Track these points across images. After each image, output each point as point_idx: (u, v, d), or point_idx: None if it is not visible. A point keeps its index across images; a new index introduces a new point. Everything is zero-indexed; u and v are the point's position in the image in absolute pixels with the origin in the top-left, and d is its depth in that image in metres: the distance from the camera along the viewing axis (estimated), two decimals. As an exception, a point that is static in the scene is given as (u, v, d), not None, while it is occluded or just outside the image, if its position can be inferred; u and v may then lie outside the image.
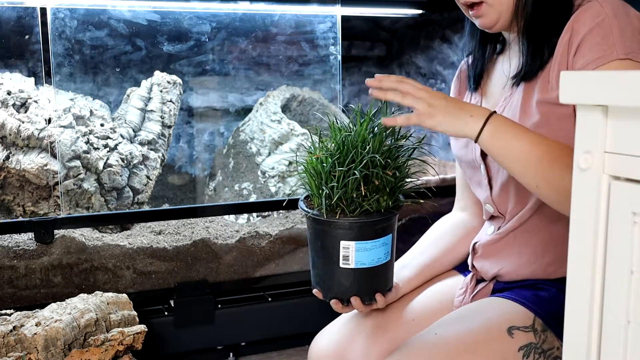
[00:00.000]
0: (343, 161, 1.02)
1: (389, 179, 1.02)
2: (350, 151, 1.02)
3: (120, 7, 1.90)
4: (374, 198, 1.01)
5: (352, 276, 1.06)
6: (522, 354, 1.00)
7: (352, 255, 1.04)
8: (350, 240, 1.03)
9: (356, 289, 1.07)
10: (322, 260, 1.07)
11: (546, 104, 1.01)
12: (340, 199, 1.01)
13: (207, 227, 1.89)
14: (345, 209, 1.02)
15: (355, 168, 1.00)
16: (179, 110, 2.01)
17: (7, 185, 1.74)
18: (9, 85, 1.76)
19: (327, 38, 2.05)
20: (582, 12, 1.00)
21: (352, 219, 1.02)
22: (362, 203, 1.01)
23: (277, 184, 2.04)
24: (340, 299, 1.09)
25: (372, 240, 1.04)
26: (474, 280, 1.20)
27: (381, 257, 1.06)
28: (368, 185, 1.01)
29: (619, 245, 0.61)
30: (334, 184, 1.01)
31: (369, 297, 1.09)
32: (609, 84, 0.59)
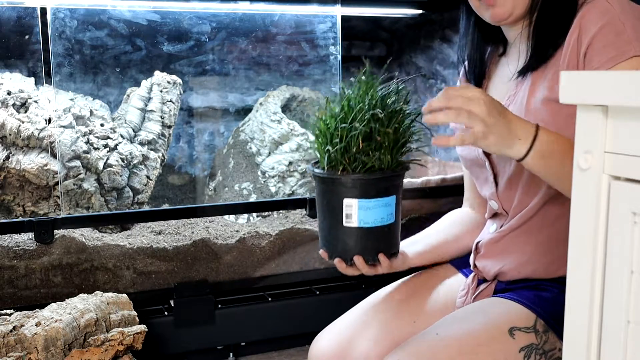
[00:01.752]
0: (346, 120, 1.03)
1: (390, 136, 1.02)
2: (353, 110, 1.03)
3: (120, 7, 1.90)
4: (375, 156, 1.02)
5: (355, 235, 1.06)
6: (523, 355, 1.00)
7: (354, 214, 1.04)
8: (353, 198, 1.03)
9: (359, 248, 1.07)
10: (327, 220, 1.08)
11: (554, 103, 1.01)
12: (343, 157, 1.02)
13: (207, 227, 1.89)
14: (348, 167, 1.03)
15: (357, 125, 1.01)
16: (179, 110, 2.01)
17: (7, 185, 1.74)
18: (9, 85, 1.76)
19: (327, 38, 2.05)
20: (589, 8, 0.99)
21: (354, 176, 1.02)
22: (363, 159, 1.01)
23: (277, 184, 2.04)
24: (344, 258, 1.09)
25: (374, 198, 1.04)
26: (475, 281, 1.20)
27: (384, 218, 1.06)
28: (369, 142, 1.01)
29: (619, 245, 0.61)
30: (336, 141, 1.02)
31: (372, 257, 1.09)
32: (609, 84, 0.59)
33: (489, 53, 1.21)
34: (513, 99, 1.09)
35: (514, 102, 1.08)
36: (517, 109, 1.06)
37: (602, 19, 0.96)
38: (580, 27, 0.99)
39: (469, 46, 1.20)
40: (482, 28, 1.18)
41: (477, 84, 1.20)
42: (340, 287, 1.89)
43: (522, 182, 1.09)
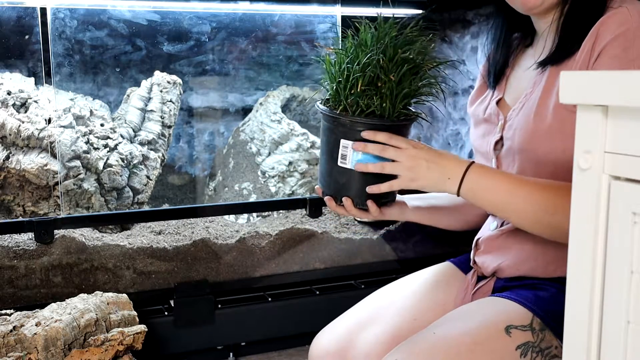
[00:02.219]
0: (354, 61, 1.02)
1: (392, 83, 1.01)
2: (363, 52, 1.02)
3: (120, 7, 1.90)
4: (375, 102, 1.02)
5: (347, 176, 1.07)
6: (519, 353, 1.00)
7: (349, 155, 1.05)
8: (350, 140, 1.04)
9: (349, 190, 1.08)
10: (325, 157, 1.09)
11: (564, 110, 1.01)
12: (347, 97, 1.02)
13: (207, 227, 1.89)
14: (348, 108, 1.03)
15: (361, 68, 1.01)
16: (179, 110, 2.01)
17: (7, 185, 1.74)
18: (9, 85, 1.76)
19: (327, 38, 2.05)
20: (610, 16, 0.98)
21: (351, 118, 1.03)
22: (366, 102, 1.01)
23: (277, 184, 2.04)
24: (334, 197, 1.10)
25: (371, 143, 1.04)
26: (475, 277, 1.20)
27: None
28: (370, 87, 1.01)
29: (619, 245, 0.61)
30: (340, 80, 1.03)
31: (361, 201, 1.09)
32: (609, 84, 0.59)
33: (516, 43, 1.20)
34: (529, 96, 1.09)
35: (528, 100, 1.08)
36: (529, 108, 1.07)
37: (618, 29, 0.96)
38: (597, 34, 0.99)
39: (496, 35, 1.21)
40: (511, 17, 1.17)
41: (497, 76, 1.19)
42: (340, 287, 1.89)
43: None
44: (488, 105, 1.19)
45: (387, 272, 1.96)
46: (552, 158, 1.03)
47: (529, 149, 1.06)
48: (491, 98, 1.20)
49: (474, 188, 1.01)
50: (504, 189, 0.99)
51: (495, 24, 1.21)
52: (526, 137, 1.06)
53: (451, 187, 1.01)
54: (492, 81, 1.20)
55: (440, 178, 1.01)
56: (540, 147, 1.04)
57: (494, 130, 1.16)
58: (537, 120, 1.04)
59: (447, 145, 2.44)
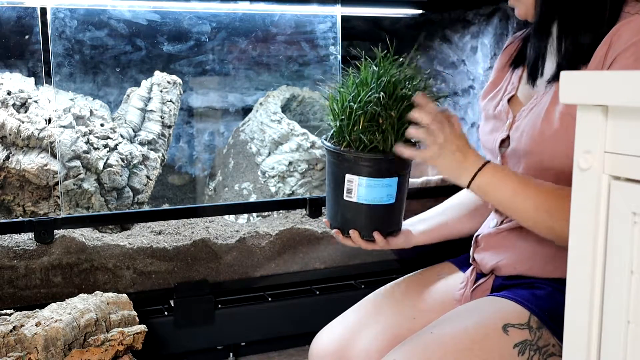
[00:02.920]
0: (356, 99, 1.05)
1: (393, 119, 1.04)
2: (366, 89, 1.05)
3: (120, 7, 1.90)
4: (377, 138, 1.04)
5: (353, 210, 1.09)
6: (517, 351, 1.00)
7: (355, 189, 1.07)
8: (354, 175, 1.07)
9: (356, 223, 1.11)
10: (331, 191, 1.12)
11: (569, 117, 1.01)
12: (350, 134, 1.05)
13: (207, 227, 1.89)
14: (352, 144, 1.05)
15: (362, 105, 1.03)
16: (179, 110, 2.01)
17: (7, 185, 1.74)
18: (9, 85, 1.76)
19: (327, 38, 2.05)
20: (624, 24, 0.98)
21: (355, 154, 1.05)
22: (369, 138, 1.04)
23: (277, 184, 2.04)
24: (342, 229, 1.13)
25: (375, 178, 1.07)
26: (474, 274, 1.21)
27: (384, 198, 1.08)
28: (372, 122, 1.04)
29: (619, 245, 0.61)
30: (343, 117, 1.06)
31: (368, 233, 1.12)
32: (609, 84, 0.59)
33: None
34: (540, 100, 1.09)
35: (537, 105, 1.08)
36: (537, 112, 1.07)
37: (632, 38, 0.96)
38: (610, 43, 0.98)
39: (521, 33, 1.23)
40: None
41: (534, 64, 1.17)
42: (340, 287, 1.89)
43: None
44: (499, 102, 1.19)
45: (387, 272, 1.96)
46: (557, 163, 1.03)
47: (535, 153, 1.06)
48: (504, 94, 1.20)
49: (483, 185, 1.03)
50: (510, 188, 1.01)
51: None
52: (533, 141, 1.06)
53: (464, 179, 1.04)
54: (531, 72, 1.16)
55: (458, 168, 1.03)
56: (545, 151, 1.05)
57: (501, 127, 1.16)
58: (545, 125, 1.04)
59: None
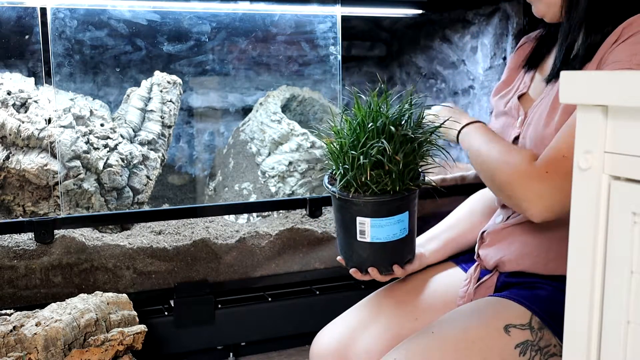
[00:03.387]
0: (356, 145, 1.06)
1: (399, 163, 1.04)
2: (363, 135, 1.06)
3: (120, 7, 1.90)
4: (384, 181, 1.04)
5: (368, 249, 1.10)
6: (518, 352, 1.00)
7: (367, 231, 1.08)
8: (365, 217, 1.07)
9: (373, 261, 1.12)
10: (342, 233, 1.12)
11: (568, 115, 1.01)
12: (355, 179, 1.06)
13: (207, 227, 1.89)
14: (359, 189, 1.06)
15: (365, 153, 1.04)
16: (179, 110, 2.01)
17: (7, 185, 1.74)
18: (9, 85, 1.76)
19: (327, 38, 2.05)
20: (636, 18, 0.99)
21: (364, 199, 1.06)
22: (371, 186, 1.04)
23: (277, 184, 2.04)
24: (359, 268, 1.14)
25: (386, 217, 1.07)
26: (478, 271, 1.21)
27: (397, 233, 1.09)
28: (378, 169, 1.04)
29: (619, 245, 0.61)
30: (346, 166, 1.06)
31: (386, 268, 1.14)
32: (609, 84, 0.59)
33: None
34: (547, 94, 1.09)
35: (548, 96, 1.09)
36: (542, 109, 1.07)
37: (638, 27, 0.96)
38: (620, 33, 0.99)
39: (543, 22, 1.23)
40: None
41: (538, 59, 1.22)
42: (340, 287, 1.89)
43: None
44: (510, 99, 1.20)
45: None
46: None
47: (540, 146, 1.06)
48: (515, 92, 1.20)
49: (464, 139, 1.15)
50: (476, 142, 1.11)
51: None
52: (537, 133, 1.07)
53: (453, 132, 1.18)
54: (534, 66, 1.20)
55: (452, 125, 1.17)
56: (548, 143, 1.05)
57: (513, 123, 1.16)
58: (548, 118, 1.04)
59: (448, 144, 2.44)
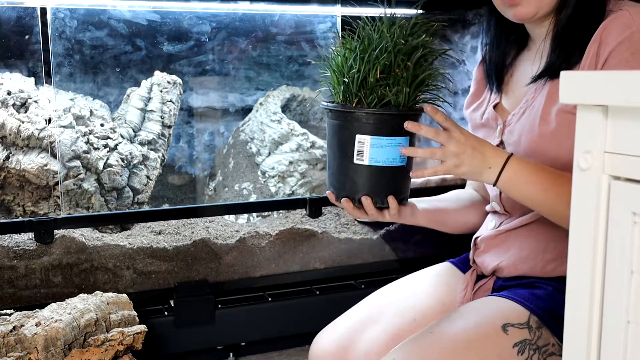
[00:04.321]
0: (365, 52, 1.01)
1: (410, 69, 1.00)
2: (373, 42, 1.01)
3: (120, 7, 1.90)
4: (393, 90, 0.99)
5: (364, 173, 1.03)
6: (516, 351, 1.00)
7: (366, 151, 1.02)
8: (366, 135, 1.01)
9: (368, 188, 1.05)
10: (337, 157, 1.06)
11: (567, 114, 1.01)
12: (360, 89, 1.00)
13: (207, 227, 1.89)
14: (364, 100, 1.01)
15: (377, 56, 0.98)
16: (179, 110, 2.01)
17: (7, 185, 1.74)
18: (9, 85, 1.76)
19: (327, 38, 2.05)
20: (611, 21, 0.98)
21: (369, 110, 1.00)
22: (381, 92, 0.99)
23: (277, 184, 2.04)
24: (352, 198, 1.06)
25: (387, 136, 1.02)
26: (474, 276, 1.20)
27: (396, 159, 1.04)
28: (387, 74, 0.99)
29: (619, 245, 0.61)
30: (354, 71, 1.00)
31: (381, 199, 1.06)
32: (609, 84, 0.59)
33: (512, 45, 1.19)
34: (531, 103, 1.08)
35: (531, 107, 1.08)
36: (533, 114, 1.06)
37: (622, 34, 0.96)
38: (600, 40, 0.98)
39: (491, 41, 1.20)
40: (505, 23, 1.16)
41: (498, 79, 1.19)
42: (340, 287, 1.89)
43: None
44: (485, 111, 1.19)
45: (387, 272, 1.96)
46: (562, 162, 1.02)
47: (539, 154, 1.05)
48: (488, 103, 1.19)
49: (512, 180, 1.00)
50: (539, 185, 0.98)
51: (488, 25, 1.20)
52: (533, 143, 1.06)
53: (490, 176, 1.00)
54: (494, 84, 1.19)
55: (482, 166, 1.00)
56: (549, 151, 1.04)
57: (492, 134, 1.16)
58: (543, 125, 1.04)
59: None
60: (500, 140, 1.13)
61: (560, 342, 1.02)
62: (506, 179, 1.00)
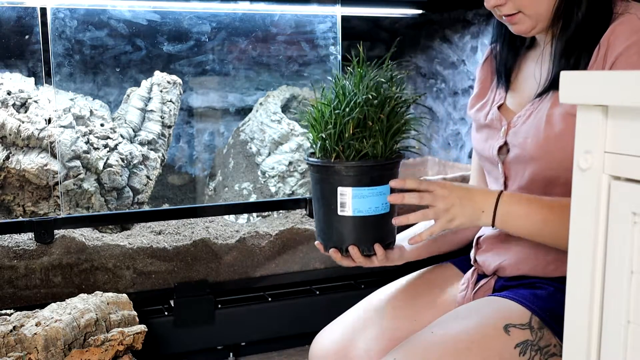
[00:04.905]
0: (340, 107, 1.03)
1: (383, 121, 1.02)
2: (347, 96, 1.03)
3: (120, 7, 1.90)
4: (369, 142, 1.02)
5: (349, 224, 1.05)
6: (518, 351, 1.00)
7: (349, 202, 1.04)
8: (347, 186, 1.03)
9: (354, 238, 1.07)
10: (322, 210, 1.07)
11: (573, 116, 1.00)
12: (337, 144, 1.02)
13: (207, 227, 1.89)
14: (341, 154, 1.03)
15: (350, 111, 1.01)
16: (179, 110, 2.01)
17: (7, 185, 1.74)
18: (9, 85, 1.76)
19: (327, 38, 2.05)
20: (619, 25, 0.98)
21: (347, 163, 1.02)
22: (356, 147, 1.01)
23: (277, 184, 2.04)
24: (339, 248, 1.08)
25: (368, 187, 1.04)
26: (475, 275, 1.20)
27: (379, 207, 1.05)
28: (362, 128, 1.01)
29: (619, 245, 0.61)
30: (330, 128, 1.02)
31: (367, 247, 1.08)
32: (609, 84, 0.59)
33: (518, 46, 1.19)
34: (537, 106, 1.08)
35: (537, 110, 1.08)
36: (539, 117, 1.06)
37: (630, 37, 0.96)
38: (608, 44, 0.98)
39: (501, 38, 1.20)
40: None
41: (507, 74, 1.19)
42: (340, 287, 1.89)
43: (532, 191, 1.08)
44: (489, 111, 1.19)
45: (387, 272, 1.95)
46: (567, 165, 1.02)
47: (543, 158, 1.05)
48: (492, 103, 1.19)
49: (508, 217, 1.01)
50: (536, 216, 0.99)
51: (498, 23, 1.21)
52: (539, 146, 1.06)
53: (486, 219, 1.02)
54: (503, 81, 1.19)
55: (475, 213, 1.02)
56: (555, 154, 1.04)
57: (496, 135, 1.15)
58: (548, 128, 1.04)
59: (447, 145, 2.44)
60: (504, 141, 1.13)
61: (561, 343, 1.02)
62: (502, 216, 1.01)
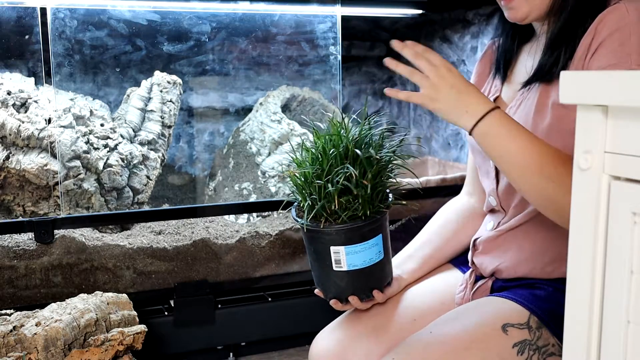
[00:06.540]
0: (321, 173, 1.04)
1: (367, 188, 1.03)
2: (327, 163, 1.04)
3: (120, 7, 1.90)
4: (353, 207, 1.03)
5: (346, 278, 1.08)
6: (516, 351, 1.00)
7: (343, 259, 1.06)
8: (339, 246, 1.05)
9: (352, 289, 1.10)
10: (317, 264, 1.10)
11: (562, 107, 1.01)
12: (323, 209, 1.03)
13: (207, 227, 1.89)
14: (330, 218, 1.04)
15: (331, 180, 1.02)
16: (179, 110, 2.01)
17: (7, 185, 1.74)
18: (9, 85, 1.76)
19: (327, 38, 2.05)
20: (606, 14, 0.98)
21: (335, 227, 1.04)
22: (341, 214, 1.03)
23: (277, 184, 2.04)
24: (339, 298, 1.13)
25: (360, 243, 1.05)
26: (473, 277, 1.20)
27: (373, 257, 1.08)
28: (347, 196, 1.02)
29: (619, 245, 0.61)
30: (314, 197, 1.04)
31: (366, 294, 1.12)
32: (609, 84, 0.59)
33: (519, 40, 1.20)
34: (527, 94, 1.09)
35: (526, 99, 1.08)
36: (528, 106, 1.07)
37: (615, 25, 0.96)
38: (594, 32, 0.98)
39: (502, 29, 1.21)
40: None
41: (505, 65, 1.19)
42: (340, 287, 1.89)
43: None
44: None
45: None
46: None
47: None
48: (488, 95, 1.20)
49: (489, 132, 0.96)
50: (516, 142, 0.94)
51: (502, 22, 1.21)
52: None
53: (466, 122, 0.97)
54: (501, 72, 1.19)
55: (458, 108, 0.97)
56: None
57: None
58: (537, 118, 1.04)
59: (447, 145, 2.44)
60: None
61: (560, 343, 1.02)
62: (482, 130, 0.96)
